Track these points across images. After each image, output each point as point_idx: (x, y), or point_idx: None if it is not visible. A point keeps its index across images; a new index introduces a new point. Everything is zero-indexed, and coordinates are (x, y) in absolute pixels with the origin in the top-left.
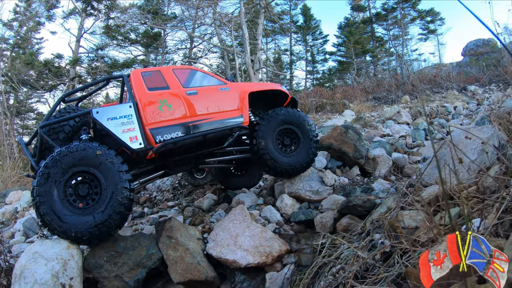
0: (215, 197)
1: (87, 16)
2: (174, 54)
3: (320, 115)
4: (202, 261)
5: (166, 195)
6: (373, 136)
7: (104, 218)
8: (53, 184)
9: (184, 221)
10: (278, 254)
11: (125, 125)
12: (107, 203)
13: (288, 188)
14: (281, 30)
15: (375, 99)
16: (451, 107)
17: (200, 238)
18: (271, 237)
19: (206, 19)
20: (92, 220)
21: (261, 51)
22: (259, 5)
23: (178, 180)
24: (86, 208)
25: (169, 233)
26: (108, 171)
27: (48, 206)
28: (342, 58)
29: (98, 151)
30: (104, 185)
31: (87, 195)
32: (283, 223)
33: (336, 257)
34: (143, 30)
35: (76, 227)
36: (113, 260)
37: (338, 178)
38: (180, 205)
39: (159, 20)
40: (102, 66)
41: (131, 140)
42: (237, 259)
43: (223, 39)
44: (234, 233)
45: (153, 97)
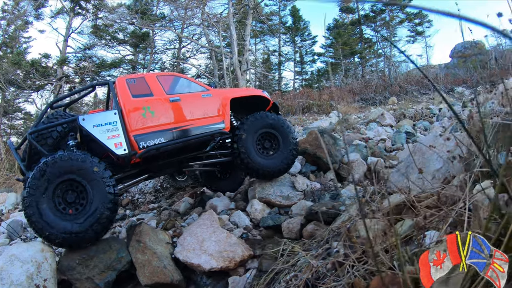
0: (192, 200)
1: (75, 15)
2: (162, 54)
3: (306, 116)
4: (168, 264)
5: (148, 197)
6: (353, 140)
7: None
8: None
9: (158, 224)
10: (240, 259)
11: (110, 131)
12: (94, 209)
13: (259, 193)
14: (270, 31)
15: (363, 100)
16: (436, 109)
17: (169, 242)
18: (235, 243)
19: (195, 19)
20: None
21: (249, 52)
22: (247, 6)
23: (160, 182)
24: (76, 214)
25: (138, 238)
26: (95, 182)
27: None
28: (331, 59)
29: (95, 167)
30: (90, 192)
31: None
32: (251, 228)
33: (293, 264)
34: (131, 30)
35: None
36: (85, 262)
37: (310, 183)
38: (160, 207)
39: (147, 20)
40: (90, 66)
41: (116, 146)
42: (201, 263)
43: (211, 40)
44: (200, 238)
45: (137, 104)
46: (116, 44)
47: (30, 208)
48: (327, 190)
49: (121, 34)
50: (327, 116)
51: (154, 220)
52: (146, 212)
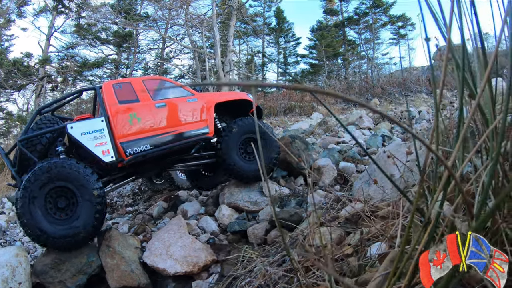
0: (166, 204)
1: (58, 14)
2: (146, 54)
3: (288, 117)
4: (136, 269)
5: (126, 200)
6: (328, 143)
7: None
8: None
9: (130, 229)
10: (204, 264)
11: (98, 139)
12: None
13: (228, 199)
14: (254, 32)
15: (345, 102)
16: (416, 111)
17: (138, 247)
18: (200, 248)
19: (179, 19)
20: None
21: (232, 53)
22: (232, 7)
23: (138, 185)
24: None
25: (107, 242)
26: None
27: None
28: (314, 61)
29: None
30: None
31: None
32: (218, 233)
33: (250, 270)
34: (114, 29)
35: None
36: (57, 267)
37: (279, 189)
38: (137, 211)
39: (130, 20)
40: (72, 65)
41: (103, 154)
42: (167, 268)
43: (195, 41)
44: (167, 243)
45: (124, 111)
46: (99, 44)
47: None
48: (295, 196)
49: (104, 33)
50: (309, 118)
51: (126, 225)
52: (123, 215)
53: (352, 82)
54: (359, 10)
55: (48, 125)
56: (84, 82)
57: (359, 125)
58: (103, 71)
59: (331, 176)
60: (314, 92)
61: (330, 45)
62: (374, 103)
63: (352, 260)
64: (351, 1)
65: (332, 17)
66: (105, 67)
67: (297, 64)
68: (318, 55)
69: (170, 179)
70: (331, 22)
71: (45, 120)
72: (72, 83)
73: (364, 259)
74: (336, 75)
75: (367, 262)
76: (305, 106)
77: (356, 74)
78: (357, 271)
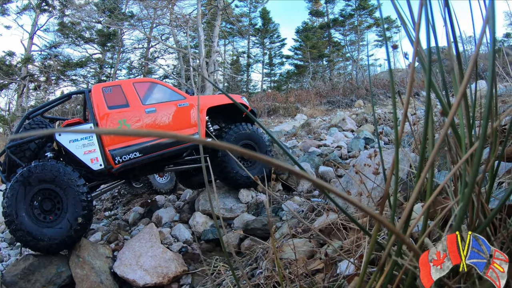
0: (142, 210)
1: (41, 12)
2: (131, 54)
3: (272, 119)
4: (106, 279)
5: (105, 204)
6: (309, 146)
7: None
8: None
9: (103, 237)
10: (174, 275)
11: (86, 146)
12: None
13: (202, 206)
14: (239, 32)
15: (329, 103)
16: (400, 113)
17: (109, 256)
18: (170, 258)
19: (164, 19)
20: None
21: (217, 54)
22: (217, 7)
23: (118, 189)
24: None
25: (77, 252)
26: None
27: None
28: (299, 62)
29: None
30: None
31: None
32: (191, 242)
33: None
34: (98, 28)
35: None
36: (26, 277)
37: (255, 195)
38: (115, 215)
39: (115, 19)
40: (55, 64)
41: (92, 162)
42: (136, 279)
43: (179, 41)
44: (138, 253)
45: (113, 117)
46: (82, 43)
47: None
48: (272, 203)
49: (88, 32)
50: (293, 119)
51: (100, 232)
52: (100, 220)
53: (337, 83)
54: (344, 12)
55: (37, 129)
56: (67, 82)
57: (342, 127)
58: (87, 71)
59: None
60: None
61: (315, 46)
62: (358, 104)
63: (319, 280)
64: (337, 2)
65: (318, 18)
66: (89, 67)
67: (282, 65)
68: (303, 56)
69: (148, 183)
70: (316, 23)
71: (33, 124)
72: (55, 83)
73: (332, 278)
74: (321, 76)
75: (335, 282)
76: (289, 107)
77: (341, 76)
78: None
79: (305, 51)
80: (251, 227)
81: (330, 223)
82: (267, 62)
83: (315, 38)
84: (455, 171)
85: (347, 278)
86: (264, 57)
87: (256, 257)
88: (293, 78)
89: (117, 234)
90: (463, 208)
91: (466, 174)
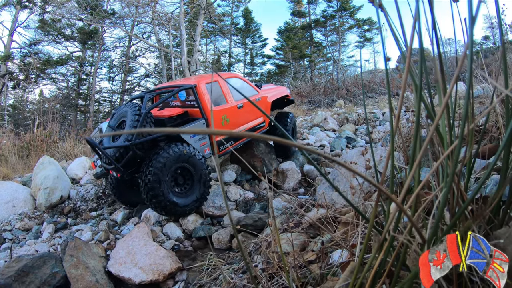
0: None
1: (22, 8)
2: (111, 52)
3: None
4: (101, 278)
5: (90, 205)
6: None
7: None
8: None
9: (94, 236)
10: (169, 272)
11: (202, 140)
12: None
13: None
14: (221, 32)
15: (310, 102)
16: (379, 113)
17: (102, 256)
18: (164, 255)
19: (146, 17)
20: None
21: (199, 53)
22: (200, 6)
23: (102, 189)
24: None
25: (71, 252)
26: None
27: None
28: (281, 62)
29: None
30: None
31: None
32: (183, 239)
33: (215, 277)
34: (79, 26)
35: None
36: (21, 279)
37: (243, 193)
38: (101, 215)
39: (96, 17)
40: (35, 62)
41: (205, 151)
42: (132, 277)
43: (161, 39)
44: (132, 251)
45: (218, 114)
46: (63, 40)
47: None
48: (259, 200)
49: (68, 30)
50: None
51: (90, 232)
52: (87, 221)
53: (318, 83)
54: (326, 13)
55: (152, 125)
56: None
57: (324, 126)
58: (67, 69)
59: (295, 179)
60: None
61: (296, 47)
62: (339, 104)
63: (314, 268)
64: (319, 3)
65: (300, 19)
66: (69, 65)
67: (263, 65)
68: (285, 56)
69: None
70: (298, 23)
71: (148, 119)
72: (34, 81)
73: (326, 267)
74: (302, 76)
75: (329, 270)
76: None
77: (322, 76)
78: (320, 280)
79: (286, 51)
80: (242, 223)
81: (320, 217)
82: (248, 62)
83: (296, 38)
84: (439, 164)
85: (341, 265)
86: (246, 57)
87: (250, 251)
88: (274, 78)
89: (109, 233)
90: (445, 193)
91: (448, 168)
